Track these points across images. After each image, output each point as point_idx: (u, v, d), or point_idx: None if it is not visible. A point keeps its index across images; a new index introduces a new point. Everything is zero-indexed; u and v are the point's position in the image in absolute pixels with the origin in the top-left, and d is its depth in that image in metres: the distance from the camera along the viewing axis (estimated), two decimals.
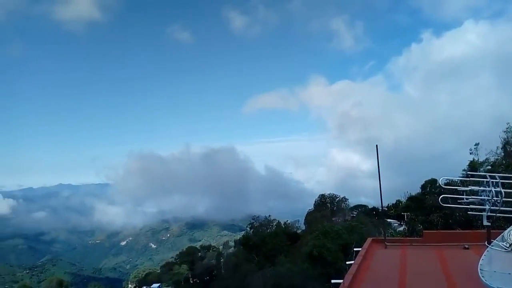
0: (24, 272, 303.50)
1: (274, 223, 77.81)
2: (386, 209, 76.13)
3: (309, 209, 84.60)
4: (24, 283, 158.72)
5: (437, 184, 41.81)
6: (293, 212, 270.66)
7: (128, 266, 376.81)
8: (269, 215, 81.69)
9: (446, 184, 13.80)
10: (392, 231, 50.90)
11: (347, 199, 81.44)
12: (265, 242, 62.35)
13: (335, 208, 78.95)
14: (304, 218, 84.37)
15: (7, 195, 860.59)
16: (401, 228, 56.05)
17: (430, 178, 45.52)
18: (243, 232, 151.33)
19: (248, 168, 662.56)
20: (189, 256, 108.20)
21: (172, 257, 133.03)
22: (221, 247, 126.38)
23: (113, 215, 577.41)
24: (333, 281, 11.65)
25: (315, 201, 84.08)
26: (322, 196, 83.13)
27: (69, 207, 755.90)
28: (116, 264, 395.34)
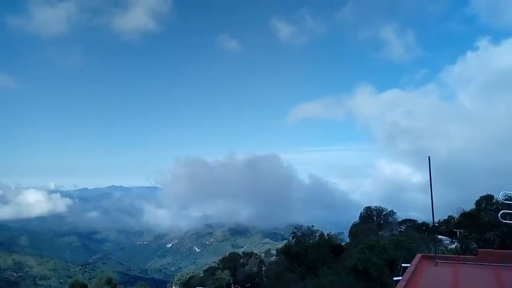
0: (77, 268, 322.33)
1: (317, 234, 76.70)
2: (437, 224, 72.31)
3: (354, 221, 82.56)
4: (77, 279, 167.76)
5: (494, 201, 39.18)
6: (337, 223, 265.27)
7: (172, 268, 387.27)
8: (312, 225, 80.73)
9: (506, 199, 13.04)
10: (443, 248, 48.27)
11: (395, 213, 78.57)
12: (307, 252, 61.53)
13: (381, 221, 76.37)
14: (348, 230, 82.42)
15: (65, 194, 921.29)
16: (453, 246, 53.00)
17: (485, 193, 42.86)
18: (285, 241, 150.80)
19: (291, 177, 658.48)
20: (232, 262, 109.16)
21: (215, 262, 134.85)
22: (263, 255, 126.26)
23: (161, 217, 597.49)
24: None
25: (361, 213, 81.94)
26: (368, 209, 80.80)
27: (120, 208, 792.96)
28: (162, 265, 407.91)
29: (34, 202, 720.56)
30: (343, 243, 77.82)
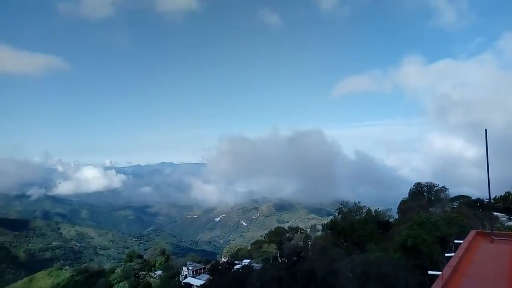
0: (133, 239, 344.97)
1: (364, 210, 75.61)
2: (493, 201, 68.62)
3: (403, 198, 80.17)
4: (133, 250, 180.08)
5: None
6: (384, 200, 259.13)
7: (221, 241, 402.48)
8: (359, 202, 79.55)
9: None
10: (500, 225, 46.00)
11: (447, 189, 74.99)
12: (354, 228, 61.10)
13: (432, 197, 73.45)
14: (397, 207, 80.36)
15: (120, 171, 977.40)
16: (511, 223, 50.35)
17: None
18: (330, 216, 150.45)
19: (336, 152, 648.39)
20: (277, 236, 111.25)
21: (262, 236, 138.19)
22: (308, 230, 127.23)
23: (208, 192, 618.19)
24: (430, 272, 11.21)
25: (410, 189, 79.19)
26: (418, 185, 77.85)
27: (170, 184, 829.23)
28: (211, 238, 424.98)
29: (92, 178, 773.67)
30: (391, 220, 76.26)
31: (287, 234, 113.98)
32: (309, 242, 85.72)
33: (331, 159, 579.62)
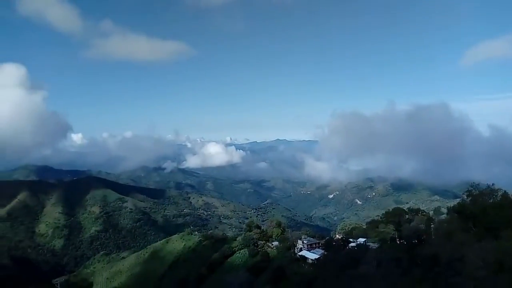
0: (252, 211, 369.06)
1: (499, 193, 66.99)
2: None
3: None
4: (252, 220, 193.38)
5: None
6: None
7: (335, 218, 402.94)
8: (493, 184, 70.66)
9: None
10: None
11: None
12: (486, 213, 55.00)
13: None
14: None
15: (238, 147, 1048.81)
16: None
17: None
18: (457, 199, 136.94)
19: (465, 128, 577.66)
20: (395, 217, 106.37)
21: (378, 216, 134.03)
22: (431, 213, 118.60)
23: (321, 169, 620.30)
24: None
25: None
26: None
27: (284, 160, 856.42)
28: (324, 214, 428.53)
29: (215, 153, 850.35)
30: None
31: (406, 216, 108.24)
32: (431, 225, 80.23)
33: (458, 136, 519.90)
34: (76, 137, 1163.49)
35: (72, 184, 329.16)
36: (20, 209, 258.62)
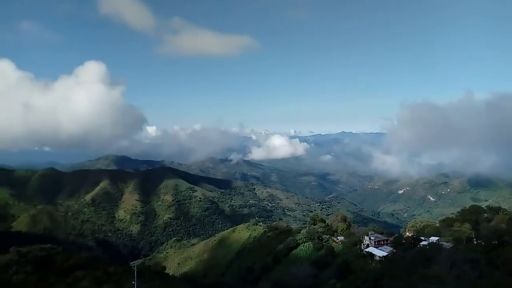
0: (316, 204, 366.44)
1: None
2: None
3: None
4: (317, 213, 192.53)
5: None
6: None
7: (405, 215, 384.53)
8: None
9: None
10: None
11: None
12: None
13: None
14: None
15: (303, 139, 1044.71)
16: None
17: None
18: None
19: None
20: (473, 215, 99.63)
21: (453, 213, 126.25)
22: None
23: (389, 163, 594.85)
24: None
25: None
26: None
27: (349, 153, 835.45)
28: (393, 210, 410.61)
29: (279, 146, 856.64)
30: None
31: (485, 214, 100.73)
32: None
33: None
34: (151, 129, 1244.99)
35: (148, 174, 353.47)
36: (102, 196, 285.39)
